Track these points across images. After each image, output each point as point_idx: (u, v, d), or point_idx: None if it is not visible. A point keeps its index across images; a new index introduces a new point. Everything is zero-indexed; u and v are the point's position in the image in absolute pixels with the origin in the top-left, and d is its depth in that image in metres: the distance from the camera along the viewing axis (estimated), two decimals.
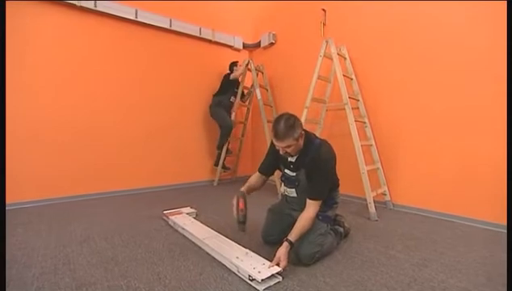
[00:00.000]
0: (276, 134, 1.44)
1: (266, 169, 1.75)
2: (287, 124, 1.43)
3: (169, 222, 2.18)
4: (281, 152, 1.53)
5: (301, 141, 1.53)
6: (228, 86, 3.78)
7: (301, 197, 1.62)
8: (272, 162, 1.72)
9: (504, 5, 1.97)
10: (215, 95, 3.79)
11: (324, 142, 1.61)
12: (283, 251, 1.41)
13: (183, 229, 1.98)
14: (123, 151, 3.26)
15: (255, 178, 1.75)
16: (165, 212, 2.32)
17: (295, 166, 1.62)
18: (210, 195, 3.34)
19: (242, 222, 1.52)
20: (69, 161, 2.91)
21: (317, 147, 1.56)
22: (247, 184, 1.71)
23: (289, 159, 1.61)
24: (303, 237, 1.49)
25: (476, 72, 2.22)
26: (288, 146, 1.47)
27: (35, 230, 2.03)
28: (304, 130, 1.55)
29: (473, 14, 2.23)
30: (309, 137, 1.59)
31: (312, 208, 1.51)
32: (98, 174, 3.09)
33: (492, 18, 2.12)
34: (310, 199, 1.53)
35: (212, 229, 1.96)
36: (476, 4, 2.21)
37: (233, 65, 3.87)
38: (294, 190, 1.68)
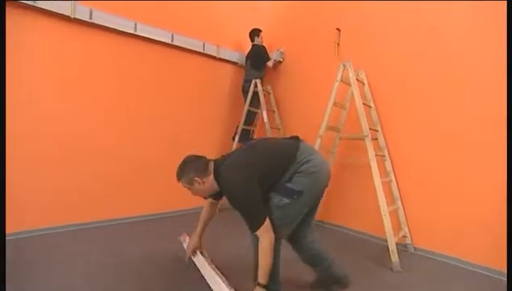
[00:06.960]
0: None
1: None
2: (179, 168, 1.48)
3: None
4: None
5: (204, 186, 1.45)
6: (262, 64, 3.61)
7: None
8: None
9: None
10: (254, 68, 3.58)
11: (228, 172, 1.40)
12: None
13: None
14: (116, 177, 2.94)
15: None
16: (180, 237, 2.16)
17: None
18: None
19: None
20: (56, 187, 2.60)
21: (223, 180, 1.41)
22: None
23: None
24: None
25: None
26: (188, 188, 1.48)
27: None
28: (213, 161, 1.49)
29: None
30: (217, 172, 1.44)
31: (261, 239, 1.32)
32: (83, 202, 2.77)
33: None
34: (252, 232, 1.35)
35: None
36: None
37: (255, 34, 3.65)
38: None
